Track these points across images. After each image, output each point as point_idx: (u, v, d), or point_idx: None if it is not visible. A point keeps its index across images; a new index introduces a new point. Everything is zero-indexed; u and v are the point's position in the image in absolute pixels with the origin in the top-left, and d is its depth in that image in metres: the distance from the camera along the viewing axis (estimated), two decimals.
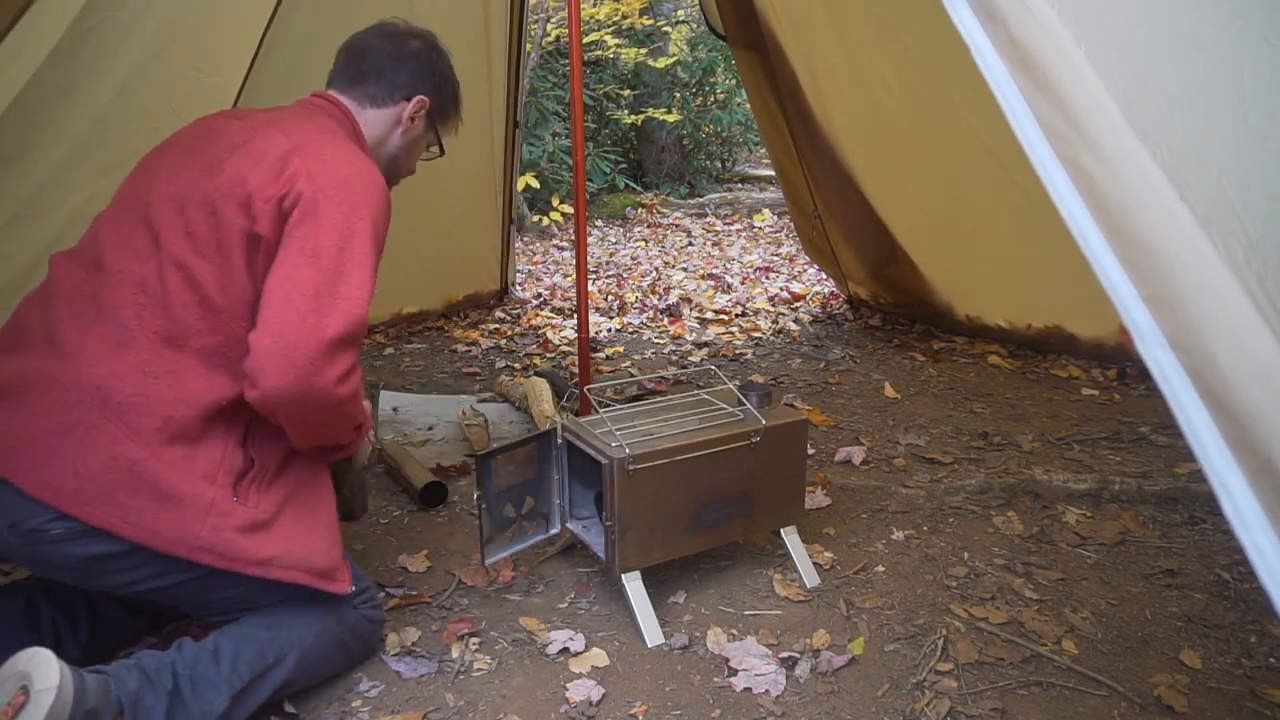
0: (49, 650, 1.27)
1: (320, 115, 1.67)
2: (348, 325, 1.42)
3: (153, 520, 1.39)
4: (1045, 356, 3.59)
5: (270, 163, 1.47)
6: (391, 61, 1.74)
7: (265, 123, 1.56)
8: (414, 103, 1.76)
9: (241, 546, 1.44)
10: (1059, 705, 1.59)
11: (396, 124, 1.77)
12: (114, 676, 1.34)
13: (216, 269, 1.46)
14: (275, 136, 1.51)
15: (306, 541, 1.53)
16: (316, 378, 1.39)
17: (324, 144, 1.54)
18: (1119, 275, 0.73)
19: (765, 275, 5.58)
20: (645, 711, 1.58)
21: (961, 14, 0.85)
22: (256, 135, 1.52)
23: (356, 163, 1.55)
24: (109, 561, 1.41)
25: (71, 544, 1.38)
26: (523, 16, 4.14)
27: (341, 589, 1.57)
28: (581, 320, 2.71)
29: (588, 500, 2.00)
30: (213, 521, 1.42)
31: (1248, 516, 0.66)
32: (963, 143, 3.39)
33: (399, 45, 1.76)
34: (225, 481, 1.46)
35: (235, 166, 1.47)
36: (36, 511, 1.36)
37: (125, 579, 1.45)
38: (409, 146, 1.82)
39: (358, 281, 1.45)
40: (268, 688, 1.49)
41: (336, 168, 1.50)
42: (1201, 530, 2.19)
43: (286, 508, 1.52)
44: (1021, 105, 0.80)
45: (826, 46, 3.64)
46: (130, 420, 1.40)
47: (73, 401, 1.39)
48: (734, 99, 9.55)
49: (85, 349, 1.42)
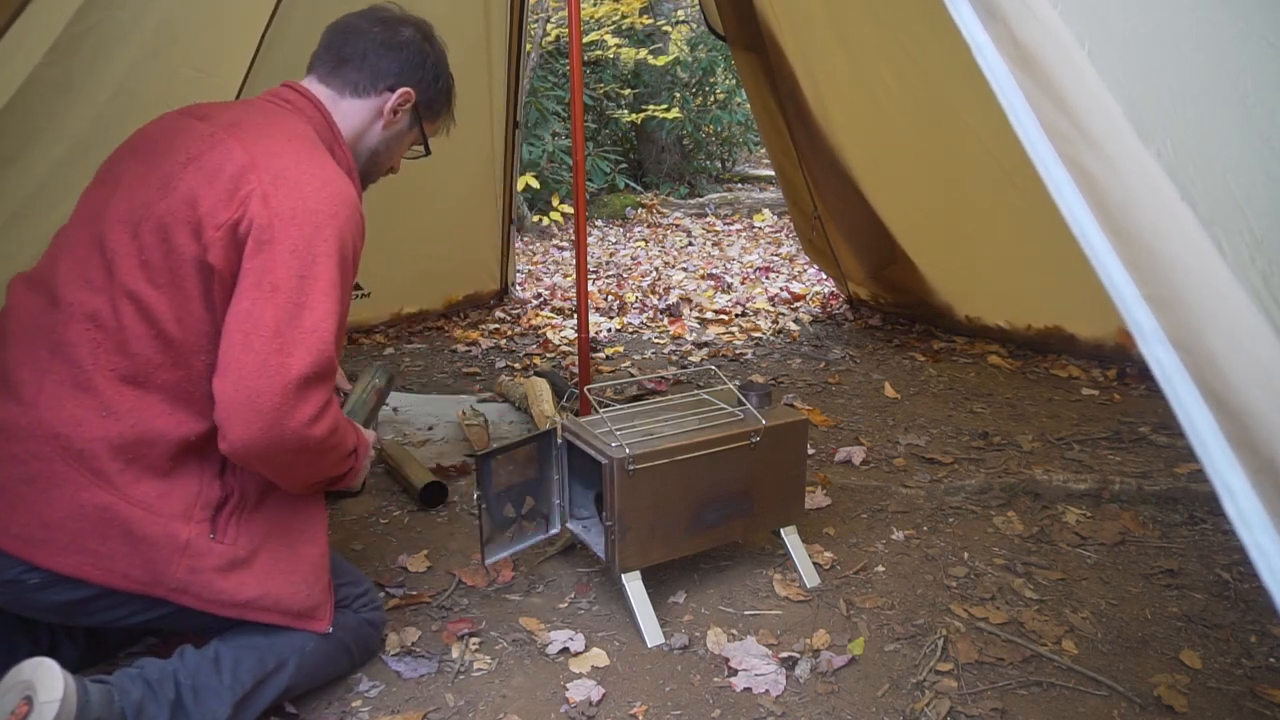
0: (54, 661, 1.27)
1: (287, 116, 1.54)
2: (313, 362, 1.32)
3: (125, 565, 1.35)
4: (1045, 356, 3.59)
5: (224, 182, 1.36)
6: (378, 47, 1.61)
7: (226, 127, 1.44)
8: (398, 95, 1.62)
9: (219, 588, 1.41)
10: (1059, 705, 1.58)
11: (377, 116, 1.63)
12: (117, 687, 1.34)
13: (171, 300, 1.36)
14: (232, 149, 1.39)
15: (286, 581, 1.48)
16: (286, 423, 1.31)
17: (286, 156, 1.41)
18: (1120, 275, 0.73)
19: (765, 275, 5.58)
20: (645, 711, 1.58)
21: (962, 13, 0.85)
22: (214, 146, 1.40)
23: (320, 176, 1.41)
24: (90, 604, 1.39)
25: (51, 591, 1.36)
26: (523, 16, 4.13)
27: (320, 628, 1.53)
28: (581, 320, 2.71)
29: (588, 500, 2.00)
30: (189, 562, 1.38)
31: (1250, 516, 0.66)
32: (962, 143, 3.39)
33: (390, 31, 1.62)
34: (202, 516, 1.41)
35: (188, 183, 1.37)
36: (10, 563, 1.33)
37: (111, 616, 1.43)
38: (391, 142, 1.69)
39: (322, 312, 1.35)
40: (270, 694, 1.49)
41: (296, 187, 1.37)
42: (1201, 530, 2.19)
43: (267, 543, 1.48)
44: (1023, 104, 0.80)
45: (826, 47, 3.64)
46: (94, 466, 1.34)
47: (31, 451, 1.33)
48: (734, 99, 9.55)
49: (43, 393, 1.35)
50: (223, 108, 1.53)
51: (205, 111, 1.51)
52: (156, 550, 1.37)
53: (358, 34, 1.61)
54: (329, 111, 1.60)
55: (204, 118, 1.48)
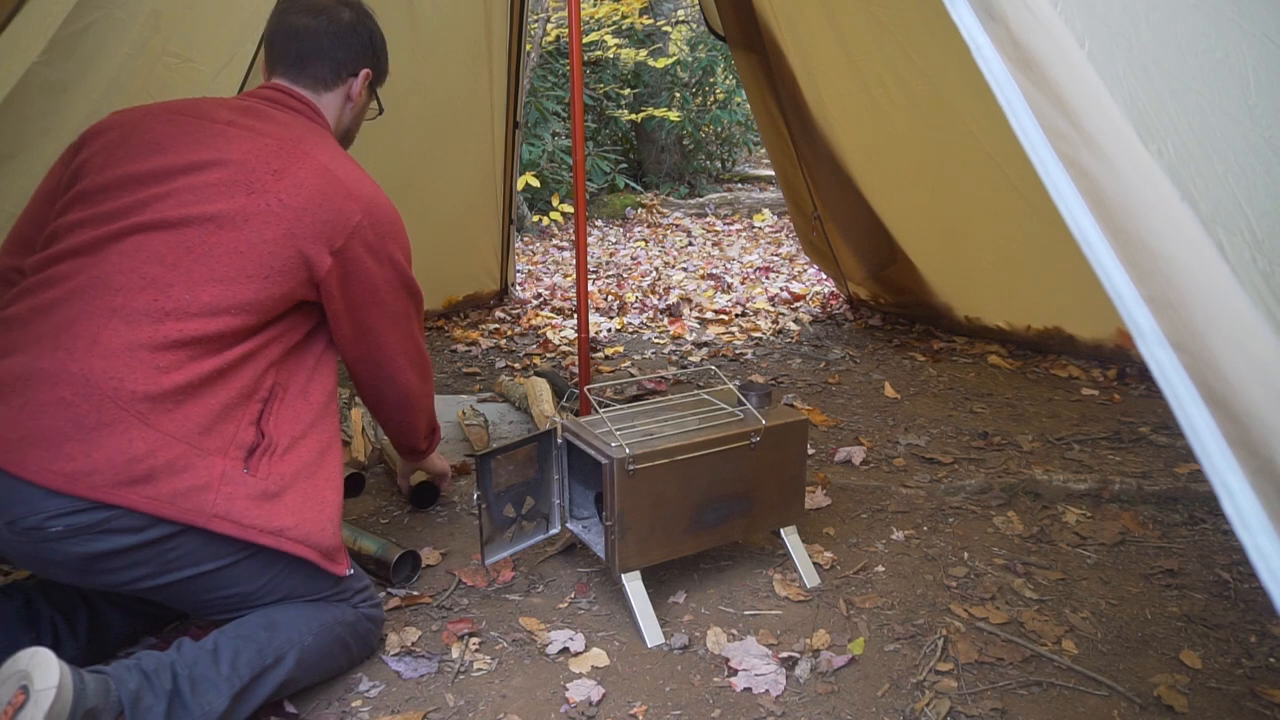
0: (49, 650, 1.27)
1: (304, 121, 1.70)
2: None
3: (169, 494, 1.40)
4: (1045, 357, 3.59)
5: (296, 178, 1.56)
6: (330, 39, 1.75)
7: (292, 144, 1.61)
8: (360, 78, 1.80)
9: (255, 514, 1.46)
10: (1059, 705, 1.59)
11: (347, 100, 1.80)
12: (114, 677, 1.34)
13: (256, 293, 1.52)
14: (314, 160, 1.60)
15: (314, 518, 1.54)
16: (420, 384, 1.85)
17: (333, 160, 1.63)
18: (1120, 275, 0.73)
19: (765, 275, 5.58)
20: (645, 711, 1.58)
21: (962, 13, 0.85)
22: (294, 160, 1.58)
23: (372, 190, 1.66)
24: (108, 559, 1.40)
25: (70, 542, 1.37)
26: (523, 16, 4.13)
27: (341, 570, 1.60)
28: (581, 320, 2.71)
29: (588, 500, 2.00)
30: (226, 490, 1.44)
31: (1249, 516, 0.66)
32: (962, 143, 3.39)
33: (333, 20, 1.75)
34: (237, 455, 1.48)
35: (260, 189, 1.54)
36: (38, 507, 1.35)
37: (124, 577, 1.45)
38: (357, 117, 1.88)
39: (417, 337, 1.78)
40: (268, 687, 1.49)
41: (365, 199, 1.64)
42: (1201, 530, 2.19)
43: (296, 482, 1.54)
44: (1022, 105, 0.80)
45: (825, 47, 3.64)
46: (143, 407, 1.40)
47: (81, 394, 1.39)
48: (734, 99, 9.55)
49: (97, 344, 1.42)
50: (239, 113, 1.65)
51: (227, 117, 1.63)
52: (196, 478, 1.42)
53: (305, 33, 1.74)
54: (318, 107, 1.75)
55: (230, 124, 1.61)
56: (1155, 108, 0.77)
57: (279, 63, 1.75)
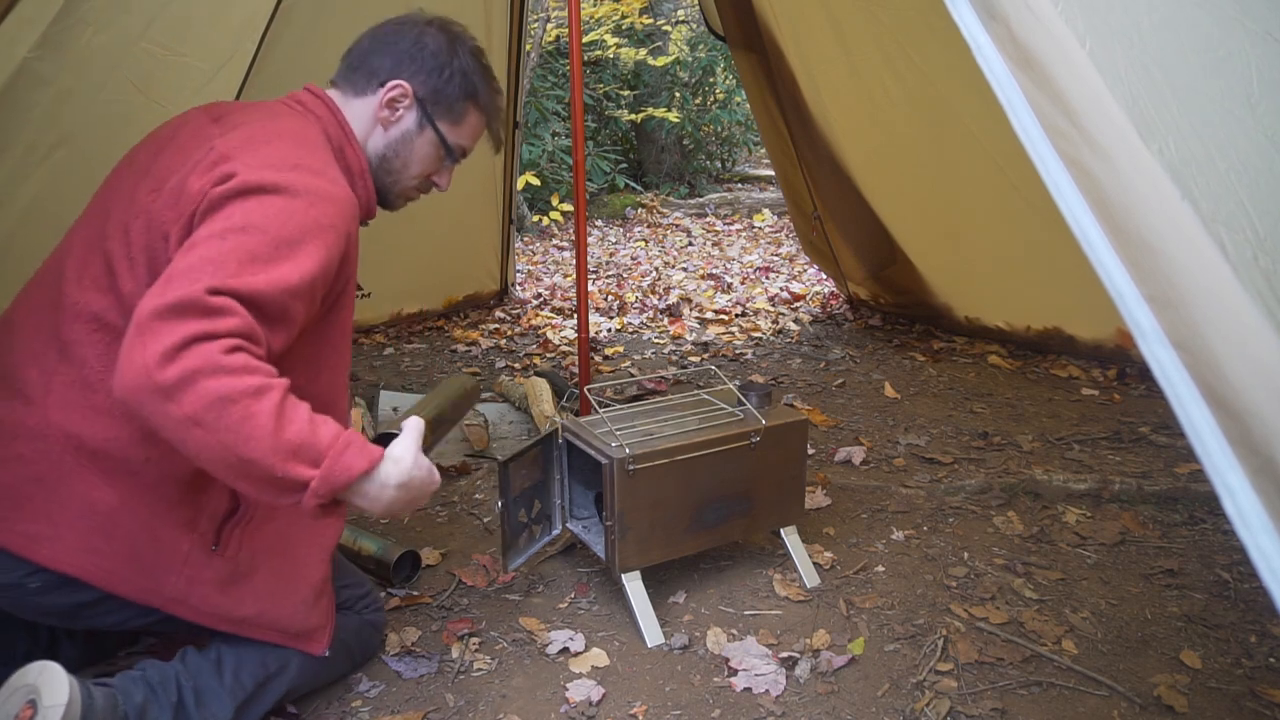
0: (58, 665, 1.27)
1: (295, 117, 1.47)
2: (181, 295, 1.12)
3: (126, 569, 1.34)
4: (1045, 357, 3.59)
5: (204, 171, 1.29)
6: (377, 45, 1.53)
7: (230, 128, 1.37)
8: (388, 87, 1.50)
9: (216, 602, 1.40)
10: (1059, 705, 1.58)
11: (377, 117, 1.52)
12: (120, 690, 1.34)
13: None
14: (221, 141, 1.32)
15: (285, 600, 1.46)
16: (132, 359, 1.11)
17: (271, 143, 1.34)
18: (1121, 274, 0.73)
19: (765, 275, 5.58)
20: (645, 711, 1.58)
21: (962, 13, 0.85)
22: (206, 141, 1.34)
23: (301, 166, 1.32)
24: (90, 608, 1.38)
25: (52, 595, 1.35)
26: (523, 16, 4.13)
27: (315, 650, 1.50)
28: (581, 320, 2.71)
29: (588, 500, 2.00)
30: (188, 573, 1.37)
31: (1249, 516, 0.66)
32: (961, 144, 3.39)
33: (395, 28, 1.54)
34: (207, 527, 1.39)
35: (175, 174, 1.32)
36: (11, 565, 1.32)
37: (112, 620, 1.43)
38: (399, 146, 1.54)
39: (219, 255, 1.17)
40: (271, 695, 1.49)
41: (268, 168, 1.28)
42: (1201, 530, 2.19)
43: (270, 559, 1.45)
44: (1023, 104, 0.80)
45: (825, 48, 3.64)
46: (106, 465, 1.32)
47: (40, 451, 1.31)
48: (734, 98, 9.55)
49: (51, 393, 1.32)
50: (238, 109, 1.48)
51: (221, 113, 1.46)
52: (157, 557, 1.35)
53: (365, 36, 1.56)
54: (339, 109, 1.51)
55: (217, 119, 1.43)
56: (1157, 107, 0.77)
57: (338, 69, 1.57)
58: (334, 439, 1.22)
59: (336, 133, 1.50)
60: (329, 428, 1.23)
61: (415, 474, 1.31)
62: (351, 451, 1.23)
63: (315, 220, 1.28)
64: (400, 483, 1.29)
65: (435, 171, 1.61)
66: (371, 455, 1.26)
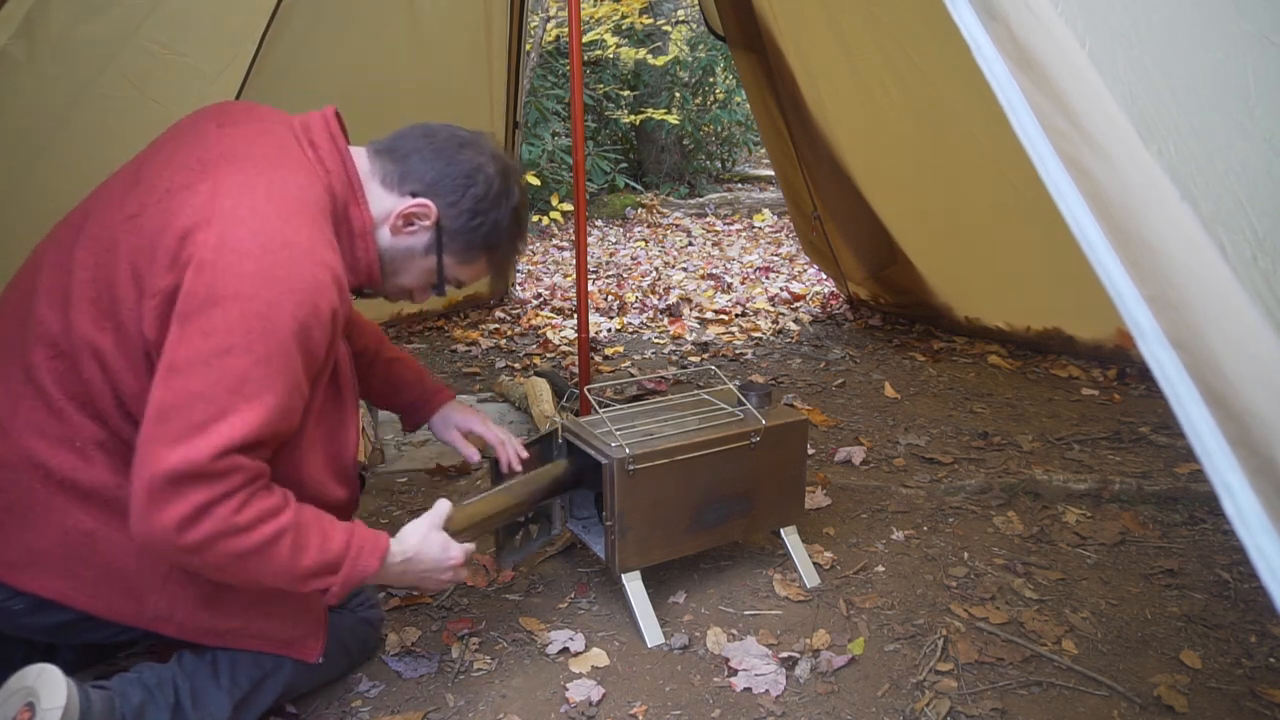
0: (56, 668, 1.27)
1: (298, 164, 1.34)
2: (190, 461, 1.14)
3: (108, 592, 1.33)
4: (1045, 357, 3.59)
5: (173, 239, 1.21)
6: (427, 151, 1.43)
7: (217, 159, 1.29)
8: (413, 202, 1.42)
9: (200, 618, 1.39)
10: (1059, 705, 1.59)
11: (387, 220, 1.43)
12: (118, 692, 1.34)
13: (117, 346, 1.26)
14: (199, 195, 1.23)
15: (271, 610, 1.45)
16: (152, 520, 1.15)
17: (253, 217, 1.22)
18: (1120, 275, 0.73)
19: (765, 275, 5.58)
20: (645, 711, 1.58)
21: (962, 13, 0.85)
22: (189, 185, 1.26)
23: (283, 253, 1.21)
24: (76, 625, 1.38)
25: (37, 616, 1.35)
26: (523, 16, 4.14)
27: (308, 658, 1.49)
28: (581, 320, 2.71)
29: (588, 500, 2.00)
30: (170, 591, 1.36)
31: (1249, 516, 0.66)
32: (961, 143, 3.39)
33: (448, 142, 1.45)
34: None
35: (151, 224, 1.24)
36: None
37: (100, 635, 1.43)
38: (398, 256, 1.46)
39: (220, 409, 1.16)
40: (269, 694, 1.49)
41: (241, 261, 1.18)
42: (1201, 530, 2.19)
43: None
44: (1022, 104, 0.80)
45: (825, 48, 3.64)
46: (76, 492, 1.30)
47: (9, 479, 1.29)
48: (734, 98, 9.55)
49: (17, 419, 1.29)
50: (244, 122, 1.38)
51: (228, 119, 1.38)
52: (139, 578, 1.34)
53: (422, 135, 1.46)
54: (354, 166, 1.41)
55: (221, 127, 1.36)
56: (1156, 107, 0.77)
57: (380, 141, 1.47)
58: (345, 546, 1.33)
59: (343, 190, 1.39)
60: (339, 536, 1.33)
61: (424, 550, 1.46)
62: (365, 555, 1.35)
63: (301, 324, 1.22)
64: (405, 559, 1.43)
65: (420, 289, 1.55)
66: (380, 549, 1.38)
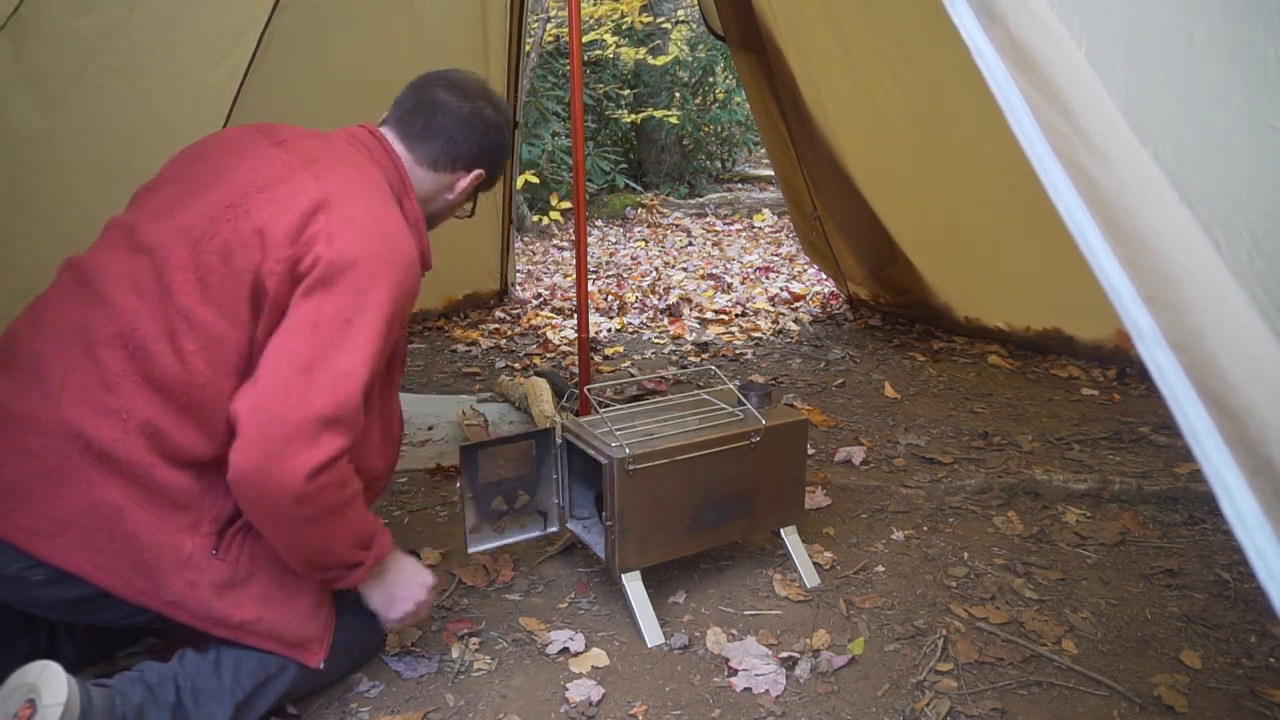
0: (57, 665, 1.27)
1: (363, 159, 1.54)
2: (338, 404, 1.30)
3: (127, 570, 1.35)
4: (1045, 357, 3.59)
5: (295, 217, 1.36)
6: (461, 126, 1.63)
7: (304, 161, 1.45)
8: (472, 176, 1.68)
9: (213, 606, 1.40)
10: (1059, 705, 1.59)
11: (448, 190, 1.68)
12: (118, 690, 1.35)
13: (218, 319, 1.37)
14: (307, 185, 1.40)
15: (285, 609, 1.47)
16: (288, 458, 1.26)
17: (358, 200, 1.42)
18: (1118, 275, 0.73)
19: (765, 275, 5.58)
20: (645, 711, 1.58)
21: (961, 14, 0.85)
22: (289, 179, 1.42)
23: (388, 226, 1.44)
24: (90, 603, 1.39)
25: (53, 588, 1.36)
26: (522, 16, 4.13)
27: (311, 662, 1.50)
28: (581, 320, 2.71)
29: (588, 500, 2.00)
30: (188, 576, 1.38)
31: (1247, 516, 0.66)
32: (961, 144, 3.39)
33: (475, 110, 1.64)
34: (209, 529, 1.40)
35: (260, 213, 1.38)
36: (15, 557, 1.33)
37: (112, 615, 1.43)
38: (449, 209, 1.75)
39: (360, 359, 1.33)
40: (270, 696, 1.49)
41: (362, 234, 1.38)
42: (1201, 530, 2.19)
43: (270, 567, 1.46)
44: (1021, 105, 0.80)
45: (825, 48, 3.64)
46: (112, 466, 1.34)
47: (49, 447, 1.33)
48: (734, 98, 9.55)
49: (67, 390, 1.35)
50: (300, 136, 1.54)
51: (283, 137, 1.52)
52: (158, 559, 1.36)
53: (441, 110, 1.62)
54: (401, 162, 1.61)
55: (281, 144, 1.50)
56: (1152, 109, 0.77)
57: (398, 123, 1.63)
58: (373, 521, 1.49)
59: (398, 185, 1.59)
60: (368, 513, 1.48)
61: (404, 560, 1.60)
62: (382, 533, 1.51)
63: (407, 292, 1.44)
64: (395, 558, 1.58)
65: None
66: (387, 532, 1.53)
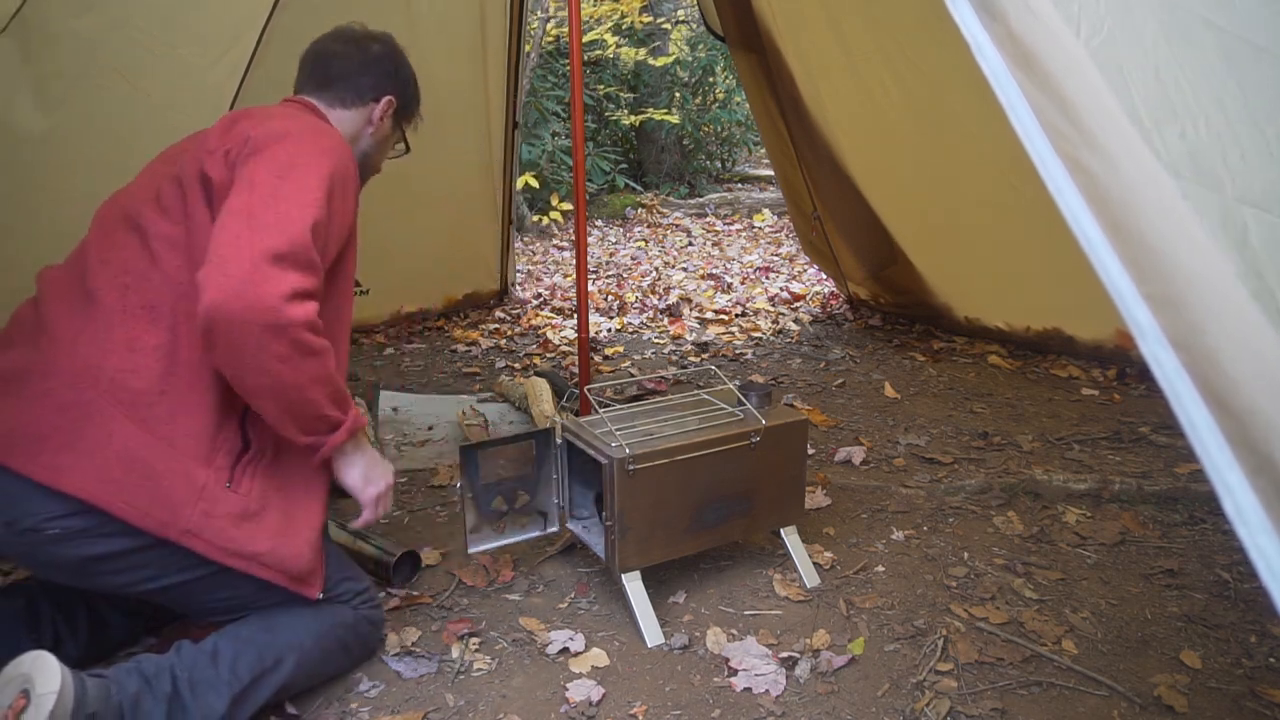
0: (51, 654, 1.28)
1: (298, 109, 1.72)
2: (285, 241, 1.36)
3: (145, 500, 1.38)
4: (1045, 357, 3.59)
5: (220, 126, 1.57)
6: (357, 66, 1.80)
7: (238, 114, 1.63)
8: (383, 103, 1.82)
9: (230, 535, 1.43)
10: (1059, 705, 1.58)
11: (367, 124, 1.82)
12: (114, 680, 1.35)
13: (186, 231, 1.49)
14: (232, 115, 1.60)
15: (290, 541, 1.51)
16: (257, 287, 1.31)
17: (283, 115, 1.61)
18: (1120, 274, 0.73)
19: (765, 275, 5.58)
20: (645, 711, 1.58)
21: (962, 12, 0.85)
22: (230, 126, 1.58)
23: (318, 126, 1.61)
24: (104, 562, 1.40)
25: (68, 544, 1.38)
26: (522, 16, 4.13)
27: (311, 594, 1.55)
28: (581, 320, 2.71)
29: (588, 500, 2.00)
30: (203, 506, 1.42)
31: (1248, 515, 0.66)
32: (961, 143, 3.39)
33: (362, 50, 1.81)
34: (222, 463, 1.45)
35: (200, 142, 1.56)
36: (34, 509, 1.35)
37: (121, 580, 1.45)
38: (378, 145, 1.87)
39: (296, 205, 1.41)
40: (267, 690, 1.49)
41: (292, 119, 1.58)
42: (1201, 530, 2.19)
43: (277, 499, 1.50)
44: (1022, 103, 0.80)
45: (824, 48, 3.64)
46: (123, 395, 1.40)
47: (67, 383, 1.40)
48: (734, 98, 9.55)
49: (81, 335, 1.44)
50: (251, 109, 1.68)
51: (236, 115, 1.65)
52: (174, 489, 1.40)
53: (334, 57, 1.80)
54: (327, 116, 1.77)
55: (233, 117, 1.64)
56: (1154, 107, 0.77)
57: (306, 83, 1.81)
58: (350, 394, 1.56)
59: None
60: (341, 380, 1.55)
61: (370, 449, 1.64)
62: (357, 408, 1.59)
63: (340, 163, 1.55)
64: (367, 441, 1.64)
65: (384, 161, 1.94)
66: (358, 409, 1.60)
